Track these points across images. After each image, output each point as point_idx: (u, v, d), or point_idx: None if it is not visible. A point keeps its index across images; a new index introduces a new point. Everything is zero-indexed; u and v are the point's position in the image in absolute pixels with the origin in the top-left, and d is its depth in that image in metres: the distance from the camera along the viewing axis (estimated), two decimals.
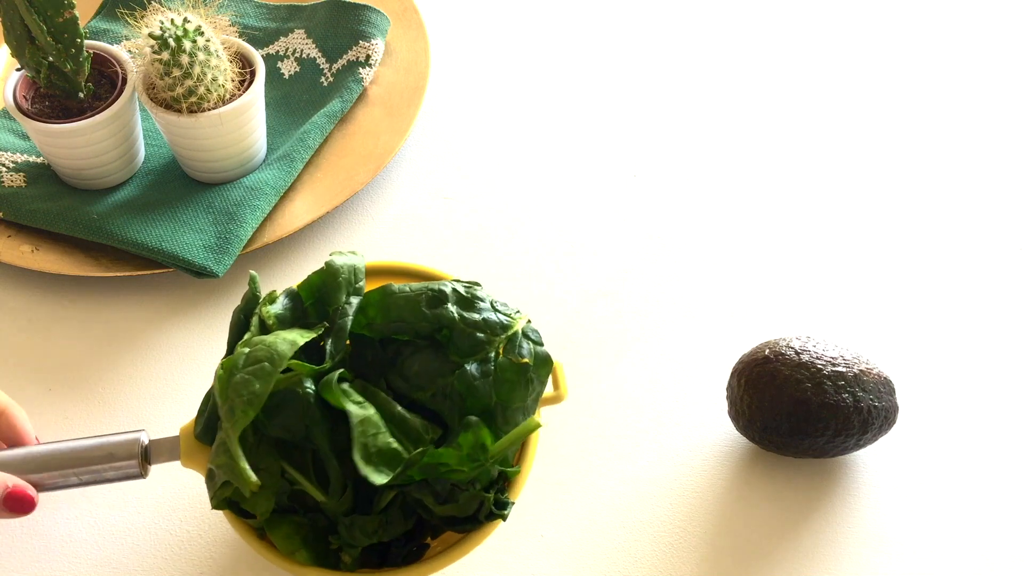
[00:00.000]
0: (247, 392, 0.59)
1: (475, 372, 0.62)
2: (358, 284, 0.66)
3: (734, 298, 0.84)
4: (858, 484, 0.74)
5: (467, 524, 0.63)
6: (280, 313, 0.65)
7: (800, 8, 1.05)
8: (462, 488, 0.61)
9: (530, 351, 0.64)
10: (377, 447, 0.60)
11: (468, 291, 0.65)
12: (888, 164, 0.93)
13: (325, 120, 0.91)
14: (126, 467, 0.67)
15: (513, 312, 0.65)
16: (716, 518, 0.73)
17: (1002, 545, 0.71)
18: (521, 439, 0.62)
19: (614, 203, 0.90)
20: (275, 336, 0.62)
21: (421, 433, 0.62)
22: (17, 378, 0.81)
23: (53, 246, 0.85)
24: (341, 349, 0.64)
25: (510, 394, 0.62)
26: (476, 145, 0.95)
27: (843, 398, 0.69)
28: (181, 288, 0.85)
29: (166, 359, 0.81)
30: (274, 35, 0.99)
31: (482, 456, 0.60)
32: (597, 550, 0.72)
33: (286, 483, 0.62)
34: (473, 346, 0.63)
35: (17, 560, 0.72)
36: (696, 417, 0.77)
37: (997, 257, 0.86)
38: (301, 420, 0.61)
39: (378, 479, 0.59)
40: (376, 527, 0.62)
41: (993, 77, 0.99)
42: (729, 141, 0.95)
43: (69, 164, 0.86)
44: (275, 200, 0.86)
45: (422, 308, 0.63)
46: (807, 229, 0.88)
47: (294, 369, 0.61)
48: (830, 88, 0.98)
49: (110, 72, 0.86)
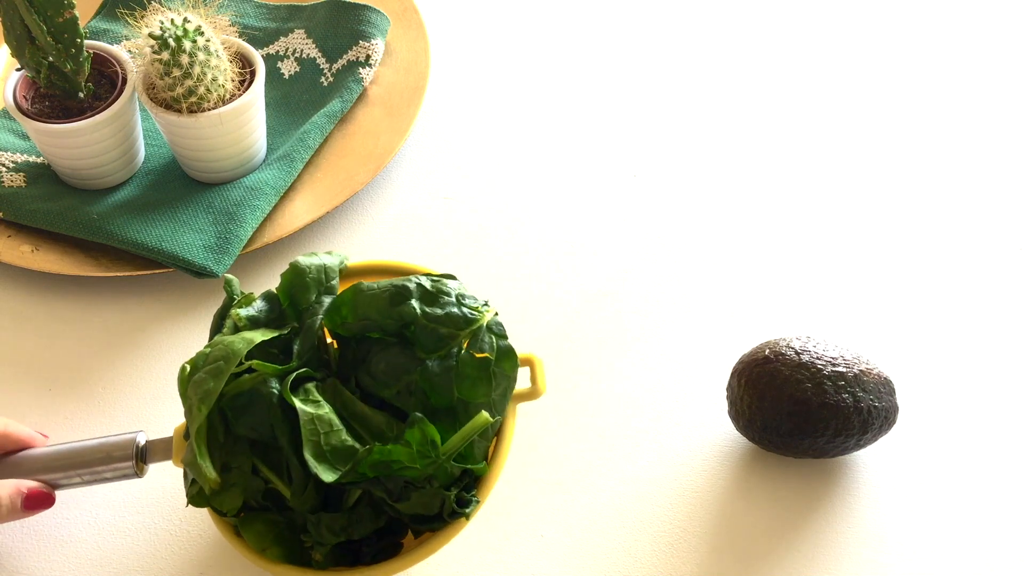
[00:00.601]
0: (202, 390, 0.60)
1: (436, 368, 0.62)
2: (330, 283, 0.66)
3: (734, 298, 0.84)
4: (858, 484, 0.74)
5: (434, 523, 0.62)
6: (253, 315, 0.65)
7: (800, 8, 1.05)
8: (416, 486, 0.61)
9: (492, 345, 0.63)
10: (331, 445, 0.60)
11: (435, 286, 0.64)
12: (888, 164, 0.93)
13: (325, 120, 0.91)
14: (123, 467, 0.68)
15: (480, 306, 0.64)
16: (716, 518, 0.73)
17: (1002, 545, 0.71)
18: (472, 435, 0.61)
19: (614, 203, 0.90)
20: (236, 336, 0.62)
21: (384, 430, 0.62)
22: (17, 378, 0.81)
23: (53, 246, 0.85)
24: (309, 348, 0.64)
25: (472, 390, 0.62)
26: (476, 145, 0.95)
27: (843, 398, 0.69)
28: (181, 288, 0.85)
29: (166, 359, 0.81)
30: (274, 35, 0.99)
31: (432, 452, 0.60)
32: (597, 550, 0.72)
33: (260, 481, 0.62)
34: (436, 341, 0.62)
35: (17, 560, 0.72)
36: (696, 417, 0.77)
37: (997, 257, 0.86)
38: (267, 419, 0.61)
39: (327, 476, 0.59)
40: (344, 525, 0.62)
41: (993, 77, 0.99)
42: (729, 141, 0.95)
43: (69, 164, 0.86)
44: (275, 200, 0.86)
45: (387, 305, 0.63)
46: (807, 229, 0.88)
47: (258, 369, 0.62)
48: (830, 89, 0.98)
49: (110, 72, 0.86)
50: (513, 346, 0.64)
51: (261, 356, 0.63)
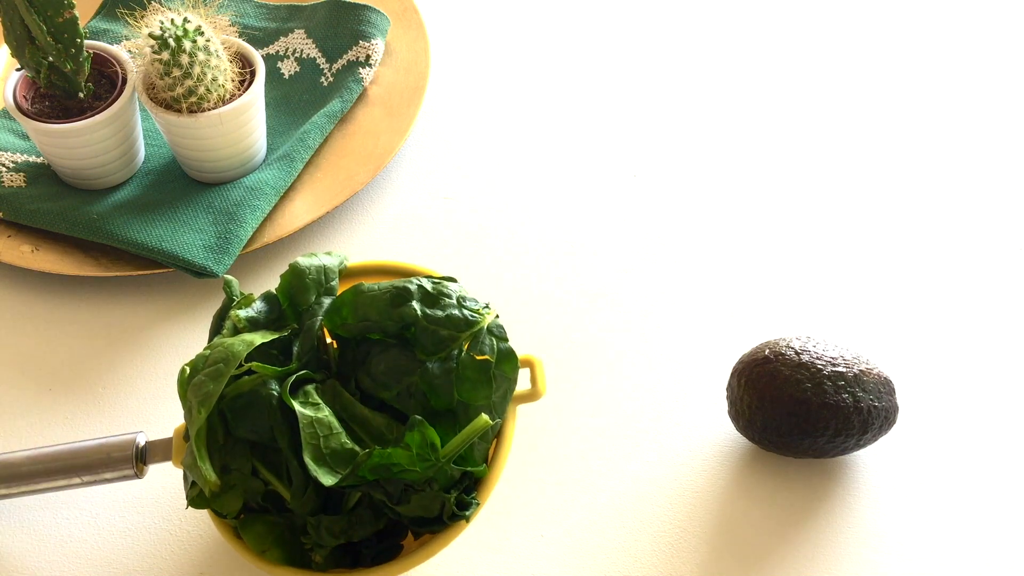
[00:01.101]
0: (201, 393, 0.60)
1: (436, 370, 0.62)
2: (330, 284, 0.66)
3: (734, 298, 0.84)
4: (858, 484, 0.74)
5: (434, 525, 0.62)
6: (252, 316, 0.65)
7: (800, 9, 1.05)
8: (416, 489, 0.60)
9: (492, 347, 0.63)
10: (331, 448, 0.60)
11: (436, 288, 0.64)
12: (888, 164, 0.93)
13: (325, 120, 0.91)
14: (122, 468, 0.68)
15: (481, 308, 0.64)
16: (716, 518, 0.73)
17: (1002, 545, 0.71)
18: (472, 438, 0.61)
19: (614, 203, 0.90)
20: (236, 338, 0.62)
21: (384, 433, 0.62)
22: (17, 378, 0.81)
23: (53, 246, 0.85)
24: (309, 350, 0.64)
25: (472, 392, 0.62)
26: (476, 145, 0.95)
27: (843, 398, 0.69)
28: (181, 288, 0.85)
29: (166, 359, 0.81)
30: (274, 35, 0.99)
31: (432, 455, 0.60)
32: (597, 550, 0.72)
33: (260, 483, 0.62)
34: (436, 343, 0.62)
35: (17, 560, 0.72)
36: (696, 417, 0.77)
37: (997, 257, 0.86)
38: (267, 421, 0.61)
39: (327, 480, 0.59)
40: (344, 527, 0.61)
41: (993, 77, 0.99)
42: (729, 141, 0.95)
43: (69, 164, 0.86)
44: (275, 200, 0.86)
45: (387, 306, 0.63)
46: (807, 229, 0.88)
47: (258, 371, 0.61)
48: (830, 89, 0.98)
49: (110, 72, 0.86)
50: (514, 348, 0.64)
51: (261, 358, 0.62)
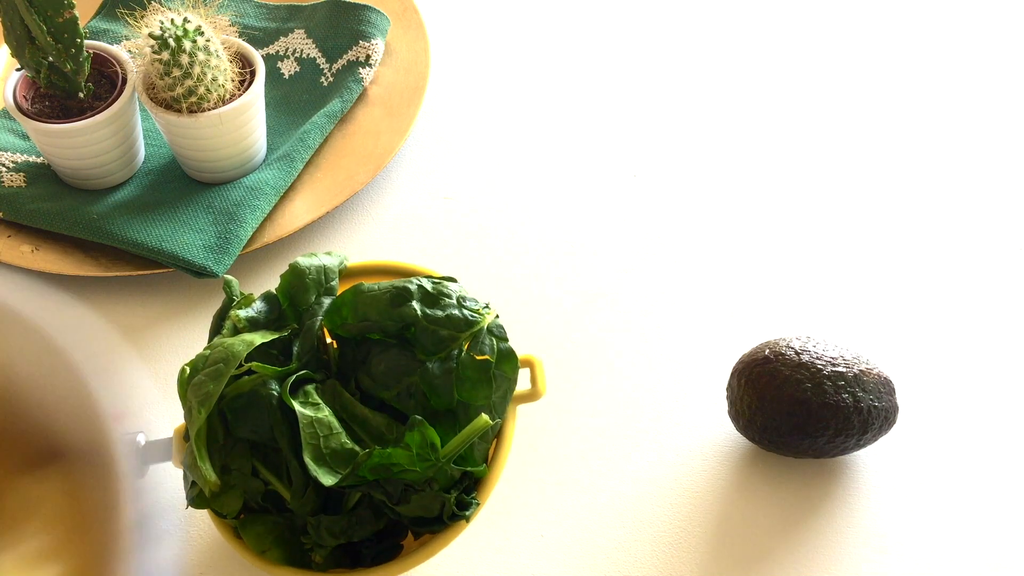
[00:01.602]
0: (201, 393, 0.60)
1: (437, 370, 0.62)
2: (330, 284, 0.66)
3: (734, 298, 0.84)
4: (858, 484, 0.74)
5: (434, 525, 0.62)
6: (252, 316, 0.65)
7: (799, 9, 1.05)
8: (416, 489, 0.60)
9: (492, 347, 0.63)
10: (331, 448, 0.60)
11: (436, 287, 0.64)
12: (887, 164, 0.93)
13: (325, 120, 0.91)
14: None
15: (481, 308, 0.64)
16: (716, 518, 0.73)
17: (1002, 545, 0.71)
18: (472, 438, 0.61)
19: (614, 203, 0.90)
20: (236, 338, 0.62)
21: (384, 433, 0.62)
22: None
23: (53, 246, 0.85)
24: (309, 350, 0.64)
25: (472, 392, 0.62)
26: (476, 145, 0.95)
27: (843, 398, 0.69)
28: (181, 288, 0.85)
29: (166, 359, 0.81)
30: (274, 35, 0.99)
31: (432, 455, 0.60)
32: (597, 550, 0.72)
33: (260, 483, 0.62)
34: (436, 343, 0.62)
35: None
36: (696, 417, 0.77)
37: (997, 257, 0.86)
38: (267, 421, 0.61)
39: (327, 480, 0.59)
40: (344, 527, 0.61)
41: (993, 77, 0.99)
42: (729, 142, 0.95)
43: (69, 164, 0.86)
44: (275, 200, 0.86)
45: (387, 306, 0.63)
46: (807, 229, 0.88)
47: (258, 371, 0.61)
48: (830, 89, 0.98)
49: (110, 72, 0.86)
50: (514, 348, 0.64)
51: (261, 358, 0.62)
